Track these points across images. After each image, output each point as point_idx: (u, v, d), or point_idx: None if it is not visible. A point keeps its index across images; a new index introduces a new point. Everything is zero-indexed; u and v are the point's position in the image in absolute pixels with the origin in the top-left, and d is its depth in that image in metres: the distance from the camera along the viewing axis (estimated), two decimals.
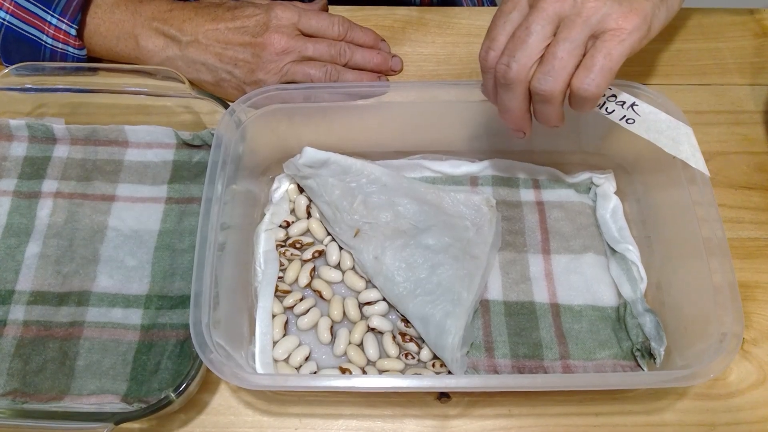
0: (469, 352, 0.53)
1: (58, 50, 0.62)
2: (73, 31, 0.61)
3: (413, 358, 0.54)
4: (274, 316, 0.55)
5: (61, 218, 0.59)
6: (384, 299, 0.56)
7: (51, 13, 0.60)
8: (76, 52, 0.62)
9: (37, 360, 0.52)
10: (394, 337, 0.55)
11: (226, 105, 0.58)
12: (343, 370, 0.53)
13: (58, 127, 0.62)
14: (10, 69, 0.59)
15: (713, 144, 0.64)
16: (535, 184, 0.62)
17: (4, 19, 0.60)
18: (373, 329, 0.55)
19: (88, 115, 0.63)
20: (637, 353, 0.52)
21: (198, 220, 0.50)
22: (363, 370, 0.53)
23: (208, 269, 0.49)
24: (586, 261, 0.57)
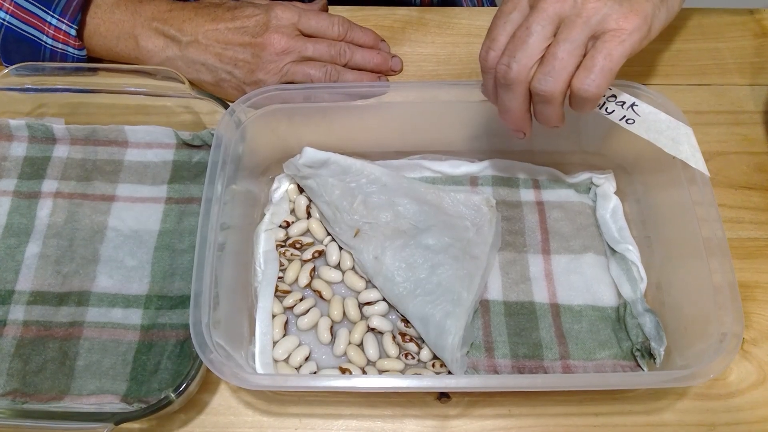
0: (469, 352, 0.53)
1: (58, 50, 0.62)
2: (73, 32, 0.61)
3: (413, 358, 0.54)
4: (274, 316, 0.55)
5: (61, 218, 0.59)
6: (384, 299, 0.56)
7: (51, 13, 0.60)
8: (76, 52, 0.62)
9: (37, 360, 0.52)
10: (394, 337, 0.55)
11: (226, 105, 0.58)
12: (343, 370, 0.53)
13: (58, 127, 0.62)
14: (10, 69, 0.59)
15: (713, 144, 0.64)
16: (535, 184, 0.62)
17: (3, 20, 0.60)
18: (373, 329, 0.55)
19: (88, 115, 0.63)
20: (637, 353, 0.52)
21: (198, 220, 0.50)
22: (363, 370, 0.53)
23: (208, 269, 0.49)
24: (586, 261, 0.57)
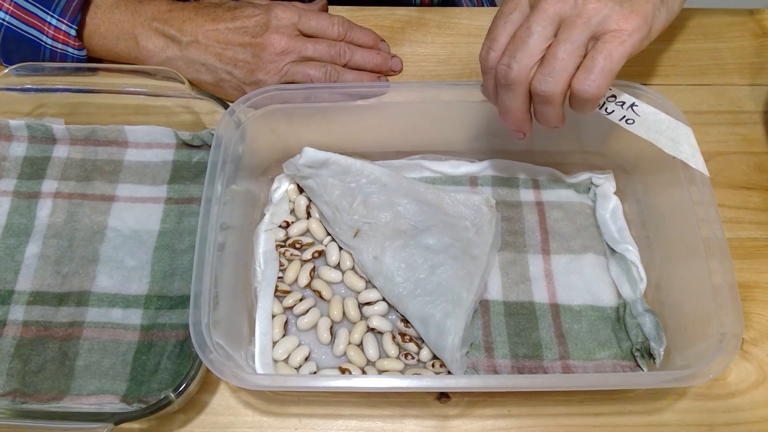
0: (468, 353, 0.53)
1: (58, 51, 0.62)
2: (73, 32, 0.61)
3: (413, 359, 0.54)
4: (273, 317, 0.55)
5: (61, 218, 0.59)
6: (384, 299, 0.56)
7: (51, 13, 0.60)
8: (76, 52, 0.62)
9: (37, 360, 0.52)
10: (394, 338, 0.55)
11: (226, 105, 0.58)
12: (343, 371, 0.53)
13: (58, 128, 0.62)
14: (9, 69, 0.59)
15: (713, 144, 0.64)
16: (535, 185, 0.62)
17: (3, 20, 0.60)
18: (372, 329, 0.55)
19: (88, 116, 0.63)
20: (637, 353, 0.52)
21: (198, 220, 0.50)
22: (363, 370, 0.53)
23: (208, 269, 0.49)
24: (585, 261, 0.57)
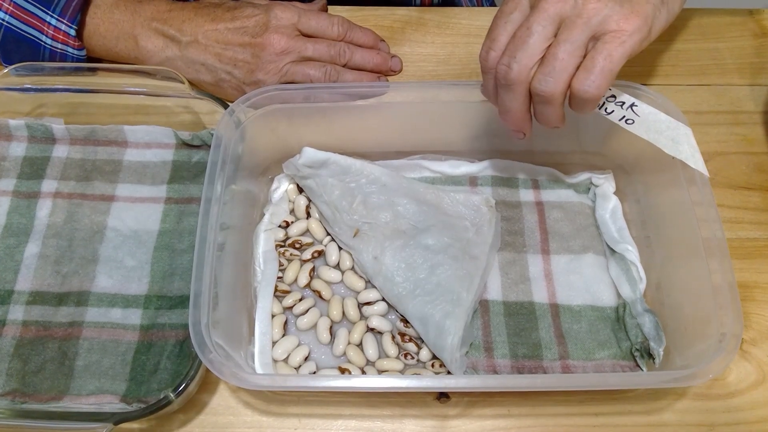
0: (468, 353, 0.53)
1: (58, 50, 0.62)
2: (73, 32, 0.61)
3: (412, 359, 0.54)
4: (273, 316, 0.55)
5: (61, 218, 0.59)
6: (383, 299, 0.56)
7: (50, 13, 0.60)
8: (76, 52, 0.62)
9: (36, 360, 0.52)
10: (394, 338, 0.55)
11: (226, 105, 0.58)
12: (343, 370, 0.53)
13: (58, 127, 0.62)
14: (9, 69, 0.59)
15: (713, 144, 0.64)
16: (535, 185, 0.62)
17: (3, 20, 0.60)
18: (372, 329, 0.55)
19: (88, 115, 0.63)
20: (637, 353, 0.52)
21: (197, 220, 0.50)
22: (362, 370, 0.53)
23: (208, 269, 0.49)
24: (585, 261, 0.57)
